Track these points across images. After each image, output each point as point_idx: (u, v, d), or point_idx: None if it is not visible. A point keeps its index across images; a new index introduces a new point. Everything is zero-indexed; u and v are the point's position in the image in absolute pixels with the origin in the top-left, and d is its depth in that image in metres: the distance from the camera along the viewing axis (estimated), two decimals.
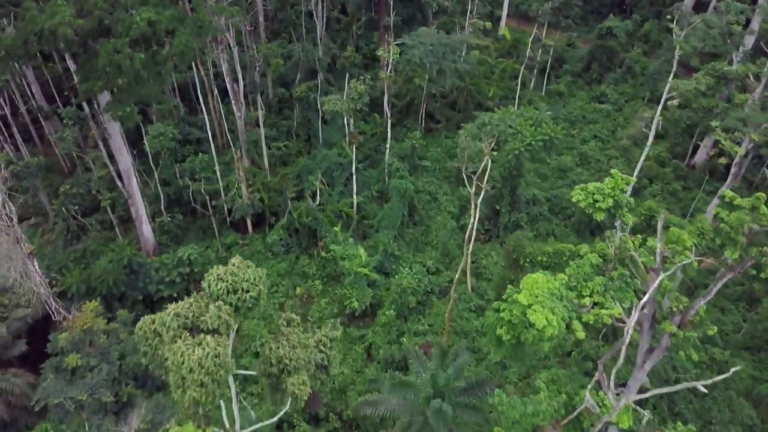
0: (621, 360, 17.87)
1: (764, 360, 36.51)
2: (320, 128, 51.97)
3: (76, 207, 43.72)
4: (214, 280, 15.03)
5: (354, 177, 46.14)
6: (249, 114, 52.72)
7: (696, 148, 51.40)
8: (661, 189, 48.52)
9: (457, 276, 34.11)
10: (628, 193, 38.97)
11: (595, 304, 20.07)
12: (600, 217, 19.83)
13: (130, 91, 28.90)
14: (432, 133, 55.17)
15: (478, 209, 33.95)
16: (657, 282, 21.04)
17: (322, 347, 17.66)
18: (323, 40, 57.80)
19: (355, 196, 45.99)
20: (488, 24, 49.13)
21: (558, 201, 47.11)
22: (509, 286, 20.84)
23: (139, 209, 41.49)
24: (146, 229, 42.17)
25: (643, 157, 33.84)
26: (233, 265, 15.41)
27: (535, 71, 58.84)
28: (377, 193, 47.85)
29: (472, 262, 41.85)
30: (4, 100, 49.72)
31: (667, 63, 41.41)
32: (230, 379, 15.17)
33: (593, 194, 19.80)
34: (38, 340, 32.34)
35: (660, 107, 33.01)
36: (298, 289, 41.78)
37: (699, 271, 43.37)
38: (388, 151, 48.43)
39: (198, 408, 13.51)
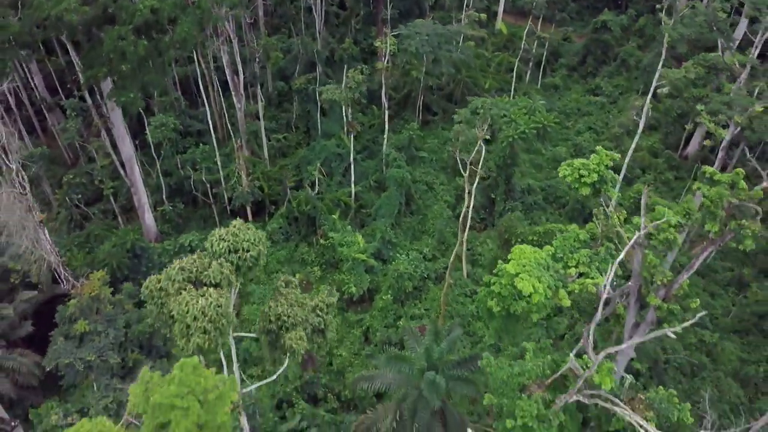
0: (598, 315, 18.65)
1: (752, 342, 37.37)
2: (319, 120, 52.82)
3: (80, 196, 44.56)
4: (216, 240, 15.92)
5: (352, 167, 47.04)
6: (249, 106, 53.59)
7: (688, 139, 52.25)
8: (653, 179, 49.38)
9: (451, 260, 34.96)
10: (620, 179, 39.75)
11: (581, 274, 20.90)
12: (585, 191, 20.66)
13: (133, 78, 29.76)
14: (429, 125, 56.03)
15: (472, 195, 34.82)
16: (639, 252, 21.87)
17: (318, 312, 18.53)
18: (322, 34, 58.68)
19: (353, 186, 46.86)
20: (483, 15, 49.98)
21: (552, 190, 47.95)
22: (500, 261, 21.69)
23: (142, 198, 42.32)
24: (148, 217, 43.01)
25: (633, 145, 34.66)
26: (234, 226, 16.27)
27: (531, 64, 59.72)
28: (375, 183, 48.71)
29: (468, 250, 42.69)
30: (9, 93, 50.51)
31: (660, 55, 42.21)
32: (230, 337, 16.02)
33: (579, 170, 20.64)
34: (43, 323, 33.26)
35: (650, 95, 33.86)
36: (298, 276, 42.35)
37: (689, 256, 44.37)
38: (385, 142, 49.26)
39: (200, 356, 14.29)
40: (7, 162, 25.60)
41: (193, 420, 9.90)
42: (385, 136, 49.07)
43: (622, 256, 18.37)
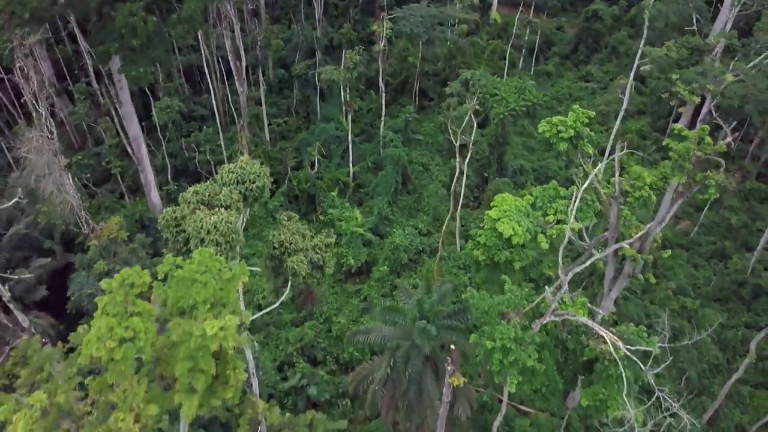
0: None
1: (731, 309, 39.09)
2: (318, 105, 54.63)
3: (88, 175, 46.36)
4: (226, 173, 17.67)
5: (350, 149, 48.84)
6: (251, 92, 55.39)
7: (676, 122, 54.02)
8: (642, 159, 51.10)
9: (443, 230, 36.65)
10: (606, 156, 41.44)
11: (558, 221, 22.64)
12: (563, 146, 22.40)
13: (142, 53, 31.55)
14: (425, 110, 57.82)
15: (465, 167, 36.49)
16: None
17: (317, 250, 20.25)
18: (321, 24, 60.48)
19: (351, 166, 48.67)
20: (476, 0, 51.74)
21: (544, 171, 49.68)
22: (486, 212, 23.44)
23: (148, 175, 44.06)
24: (154, 195, 44.73)
25: (618, 121, 36.29)
26: (241, 161, 18.03)
27: (524, 51, 61.48)
28: (372, 163, 50.50)
29: (462, 226, 44.46)
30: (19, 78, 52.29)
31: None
32: (238, 254, 17.62)
33: (557, 126, 22.39)
34: (56, 290, 35.03)
35: (633, 73, 35.52)
36: None
37: (674, 232, 46.16)
38: (382, 125, 51.05)
39: None
40: (38, 108, 27.40)
41: (210, 292, 11.55)
42: (382, 119, 50.85)
43: (585, 185, 20.00)
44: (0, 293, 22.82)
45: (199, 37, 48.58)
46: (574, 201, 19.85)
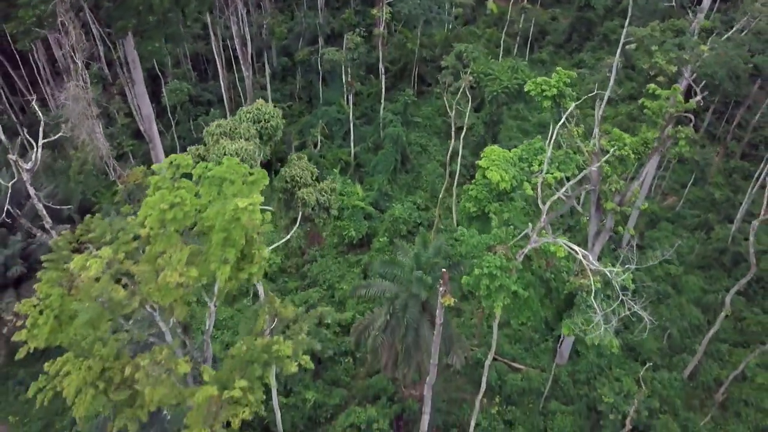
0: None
1: (713, 276, 41.19)
2: (320, 89, 56.87)
3: (91, 168, 48.53)
4: (244, 113, 19.78)
5: (351, 131, 51.03)
6: (256, 79, 57.65)
7: None
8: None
9: (439, 198, 38.76)
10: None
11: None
12: (547, 104, 24.55)
13: (158, 29, 33.75)
14: (423, 95, 60.06)
15: (461, 137, 38.59)
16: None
17: (323, 193, 22.34)
18: (323, 13, 62.74)
19: (352, 146, 50.84)
20: None
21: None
22: (477, 162, 25.56)
23: (159, 154, 46.17)
24: None
25: (606, 98, 38.41)
26: (257, 103, 20.14)
27: (518, 39, 63.70)
28: (372, 144, 52.68)
29: (458, 202, 46.61)
30: (33, 62, 54.52)
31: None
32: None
33: (541, 85, 24.54)
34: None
35: (619, 50, 37.59)
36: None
37: (661, 207, 48.31)
38: (382, 108, 53.25)
39: None
40: (75, 59, 29.56)
41: (238, 188, 13.59)
42: (382, 103, 53.04)
43: (561, 122, 22.07)
44: (41, 214, 24.80)
45: (208, 23, 50.78)
46: (551, 138, 21.99)
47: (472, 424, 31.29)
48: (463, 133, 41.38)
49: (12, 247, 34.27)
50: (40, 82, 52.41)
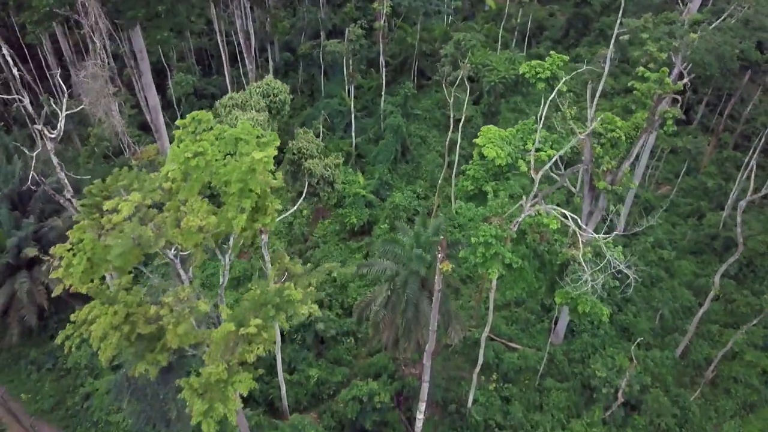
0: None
1: (704, 260, 42.38)
2: (322, 83, 58.07)
3: (108, 144, 49.68)
4: (253, 88, 20.93)
5: (353, 122, 52.20)
6: (259, 73, 58.87)
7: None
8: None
9: (438, 185, 39.93)
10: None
11: (537, 150, 25.90)
12: (541, 86, 25.71)
13: (167, 18, 34.93)
14: (423, 89, 61.25)
15: (460, 127, 39.78)
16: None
17: (328, 168, 23.48)
18: (324, 8, 64.00)
19: (353, 137, 51.99)
20: None
21: None
22: (474, 140, 26.69)
23: (165, 143, 47.31)
24: None
25: (600, 88, 39.59)
26: (266, 78, 21.28)
27: (516, 34, 64.91)
28: (373, 136, 53.86)
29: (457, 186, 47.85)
30: (41, 57, 55.77)
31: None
32: None
33: (535, 68, 25.70)
34: None
35: (613, 41, 38.77)
36: (305, 212, 47.65)
37: (656, 196, 49.45)
38: (383, 101, 54.43)
39: None
40: (94, 39, 30.73)
41: (252, 147, 14.72)
42: (383, 95, 54.21)
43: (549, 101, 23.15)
44: (63, 183, 25.86)
45: (213, 18, 52.00)
46: (542, 109, 23.13)
47: (470, 398, 32.46)
48: (461, 124, 42.54)
49: (25, 229, 35.42)
50: (48, 77, 53.68)
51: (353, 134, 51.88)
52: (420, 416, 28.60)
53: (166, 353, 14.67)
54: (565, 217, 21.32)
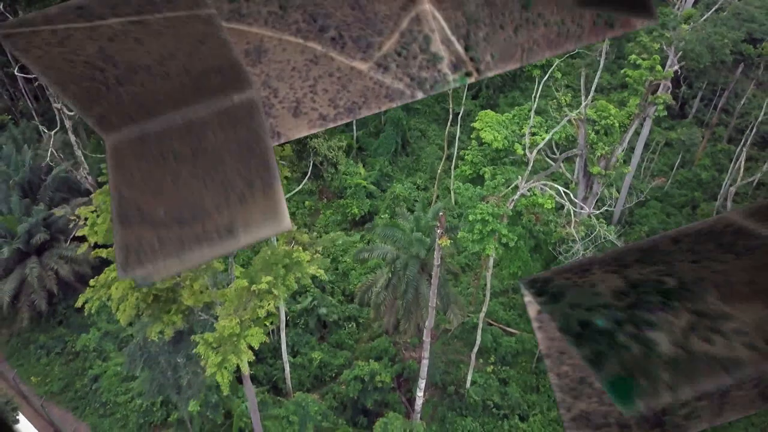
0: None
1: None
2: None
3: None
4: None
5: None
6: None
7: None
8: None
9: (437, 180, 40.94)
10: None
11: (533, 134, 26.91)
12: (537, 72, 26.71)
13: None
14: None
15: (459, 116, 40.78)
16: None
17: (331, 150, 24.39)
18: None
19: (354, 130, 52.96)
20: None
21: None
22: (472, 124, 27.66)
23: None
24: None
25: (596, 80, 40.66)
26: None
27: None
28: (374, 129, 54.84)
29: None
30: None
31: None
32: None
33: None
34: None
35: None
36: (307, 203, 48.60)
37: (650, 187, 50.45)
38: None
39: None
40: None
41: None
42: None
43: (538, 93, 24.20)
44: (80, 161, 26.57)
45: None
46: (536, 90, 24.14)
47: (469, 378, 33.42)
48: (460, 118, 43.53)
49: (36, 215, 36.39)
50: None
51: (354, 127, 52.84)
52: (420, 394, 29.55)
53: (181, 315, 15.58)
54: (559, 194, 22.29)
